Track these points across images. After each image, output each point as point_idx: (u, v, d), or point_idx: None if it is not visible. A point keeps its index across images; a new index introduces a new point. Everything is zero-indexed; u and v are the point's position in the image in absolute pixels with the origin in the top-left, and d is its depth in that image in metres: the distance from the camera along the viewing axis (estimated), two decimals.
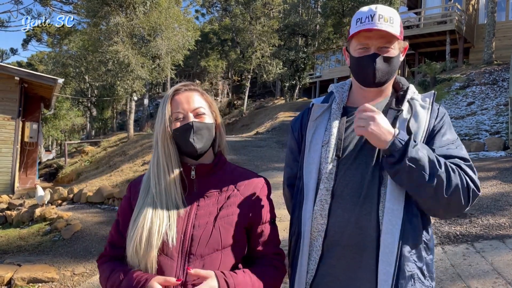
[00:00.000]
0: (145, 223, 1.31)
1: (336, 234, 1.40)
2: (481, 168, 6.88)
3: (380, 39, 1.41)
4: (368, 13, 1.41)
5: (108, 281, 1.35)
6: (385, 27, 1.39)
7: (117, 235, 1.44)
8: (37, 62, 42.53)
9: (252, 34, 25.47)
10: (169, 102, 1.39)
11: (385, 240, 1.33)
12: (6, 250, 6.18)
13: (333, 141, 1.46)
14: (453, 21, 17.49)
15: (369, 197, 1.38)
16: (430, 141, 1.42)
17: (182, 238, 1.32)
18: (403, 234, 1.33)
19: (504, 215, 4.79)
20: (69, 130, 34.07)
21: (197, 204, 1.37)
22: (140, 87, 17.34)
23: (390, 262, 1.32)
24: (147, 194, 1.38)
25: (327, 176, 1.43)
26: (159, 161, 1.38)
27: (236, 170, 1.50)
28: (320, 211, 1.42)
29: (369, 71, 1.42)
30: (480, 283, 3.47)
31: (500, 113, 10.85)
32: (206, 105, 1.44)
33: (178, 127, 1.37)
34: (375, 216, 1.37)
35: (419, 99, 1.49)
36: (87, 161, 18.37)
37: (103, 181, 11.06)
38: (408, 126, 1.41)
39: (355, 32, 1.42)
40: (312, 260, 1.43)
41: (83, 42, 22.05)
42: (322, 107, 1.56)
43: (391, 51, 1.43)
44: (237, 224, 1.37)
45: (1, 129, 12.26)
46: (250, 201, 1.42)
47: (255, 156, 10.28)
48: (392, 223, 1.33)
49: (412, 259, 1.35)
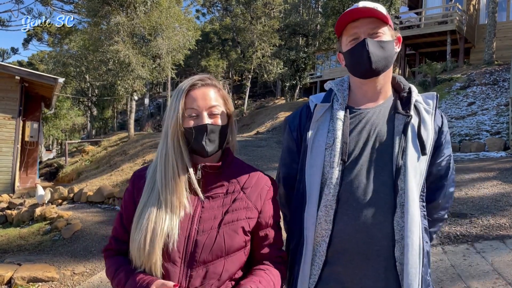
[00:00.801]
0: (149, 224, 1.27)
1: (343, 241, 1.37)
2: (481, 169, 6.88)
3: (368, 25, 1.40)
4: (352, 7, 1.42)
5: (113, 280, 1.35)
6: (369, 5, 1.39)
7: (121, 229, 1.41)
8: (37, 61, 42.58)
9: (253, 34, 25.46)
10: (184, 97, 1.33)
11: (409, 252, 1.33)
12: (6, 249, 6.18)
13: (338, 145, 1.41)
14: (453, 21, 17.47)
15: (381, 206, 1.36)
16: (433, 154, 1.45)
17: (185, 243, 1.29)
18: (423, 245, 1.37)
19: (505, 215, 4.79)
20: (69, 129, 34.06)
21: (201, 206, 1.33)
22: (141, 87, 17.36)
23: (415, 274, 1.34)
24: (152, 189, 1.33)
25: (332, 181, 1.39)
26: (167, 157, 1.33)
27: (244, 169, 1.45)
28: (324, 217, 1.39)
29: (364, 58, 1.39)
30: (480, 284, 3.47)
31: (501, 114, 10.84)
32: (222, 102, 1.39)
33: (192, 127, 1.32)
34: (389, 226, 1.36)
35: (422, 101, 1.47)
36: (87, 161, 18.37)
37: (104, 181, 11.07)
38: (420, 134, 1.39)
39: (339, 19, 1.42)
40: (315, 265, 1.41)
41: (84, 41, 22.06)
42: (324, 107, 1.49)
43: (382, 35, 1.41)
44: (242, 230, 1.33)
45: (2, 129, 12.27)
46: (256, 205, 1.38)
47: (256, 155, 10.28)
48: (415, 235, 1.34)
49: (428, 267, 1.42)
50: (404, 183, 1.36)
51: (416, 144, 1.38)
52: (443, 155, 1.47)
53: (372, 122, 1.43)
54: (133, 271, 1.30)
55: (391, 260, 1.36)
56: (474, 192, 5.67)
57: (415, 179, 1.36)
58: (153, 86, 38.26)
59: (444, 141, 1.47)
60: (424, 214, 1.42)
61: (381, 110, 1.45)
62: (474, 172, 6.65)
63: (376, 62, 1.39)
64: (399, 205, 1.36)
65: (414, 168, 1.36)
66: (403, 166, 1.36)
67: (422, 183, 1.39)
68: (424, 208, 1.42)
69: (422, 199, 1.41)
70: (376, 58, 1.39)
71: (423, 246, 1.36)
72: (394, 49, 1.45)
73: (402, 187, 1.36)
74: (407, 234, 1.33)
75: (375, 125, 1.43)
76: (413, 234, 1.33)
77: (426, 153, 1.39)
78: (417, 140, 1.38)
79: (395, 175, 1.36)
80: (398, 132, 1.40)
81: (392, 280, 1.35)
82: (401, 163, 1.37)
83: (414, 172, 1.36)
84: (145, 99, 30.92)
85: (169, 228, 1.27)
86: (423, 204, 1.41)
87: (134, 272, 1.29)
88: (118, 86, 17.01)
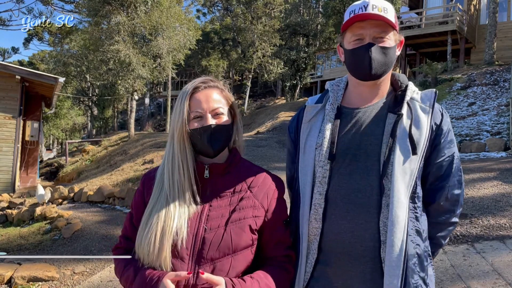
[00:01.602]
0: (159, 222, 1.31)
1: (330, 241, 1.38)
2: (481, 169, 6.88)
3: (375, 28, 1.37)
4: (362, 4, 1.38)
5: (122, 276, 1.38)
6: (380, 5, 1.36)
7: (131, 228, 1.45)
8: (38, 61, 42.57)
9: (253, 34, 25.48)
10: (188, 99, 1.37)
11: (390, 253, 1.31)
12: (6, 248, 6.19)
13: (325, 144, 1.42)
14: (454, 21, 17.46)
15: (367, 207, 1.35)
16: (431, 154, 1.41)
17: (193, 240, 1.32)
18: (407, 247, 1.32)
19: (505, 215, 4.79)
20: (70, 129, 34.07)
21: (209, 205, 1.36)
22: (141, 87, 17.38)
23: (396, 275, 1.30)
24: (161, 190, 1.38)
25: (320, 180, 1.40)
26: (174, 158, 1.37)
27: (251, 169, 1.47)
28: (314, 215, 1.40)
29: (364, 62, 1.37)
30: (480, 284, 3.47)
31: (501, 114, 10.84)
32: (225, 102, 1.43)
33: (196, 128, 1.36)
34: (375, 227, 1.34)
35: (418, 99, 1.44)
36: (88, 160, 18.39)
37: (104, 180, 11.07)
38: (411, 134, 1.36)
39: (348, 20, 1.39)
40: (309, 262, 1.42)
41: (84, 41, 22.06)
42: (315, 108, 1.51)
43: (387, 41, 1.39)
44: (249, 228, 1.35)
45: (2, 128, 12.27)
46: (263, 204, 1.40)
47: (256, 155, 10.28)
48: (398, 237, 1.31)
49: (416, 271, 1.35)
50: (390, 183, 1.33)
51: (406, 143, 1.35)
52: (443, 155, 1.42)
53: (362, 122, 1.42)
54: (141, 267, 1.33)
55: (377, 261, 1.34)
56: (474, 192, 5.67)
57: (403, 179, 1.33)
58: (153, 86, 38.27)
59: (443, 140, 1.41)
60: (416, 216, 1.37)
61: (374, 109, 1.44)
62: (474, 173, 6.65)
63: (376, 68, 1.38)
64: (385, 206, 1.34)
65: (402, 168, 1.33)
66: (391, 166, 1.34)
67: (413, 184, 1.35)
68: (416, 209, 1.37)
69: (413, 200, 1.36)
70: (377, 64, 1.38)
71: (408, 248, 1.32)
72: (396, 53, 1.44)
73: (389, 187, 1.34)
74: (389, 235, 1.31)
75: (365, 124, 1.42)
76: (394, 235, 1.30)
77: (417, 153, 1.35)
78: (408, 139, 1.36)
79: (381, 175, 1.35)
80: (388, 131, 1.38)
81: (379, 281, 1.33)
82: (385, 163, 1.35)
83: (403, 172, 1.33)
84: (146, 98, 30.96)
85: (178, 226, 1.30)
86: (414, 205, 1.37)
87: (142, 268, 1.32)
88: (119, 85, 17.04)
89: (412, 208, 1.36)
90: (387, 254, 1.31)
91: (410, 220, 1.34)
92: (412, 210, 1.36)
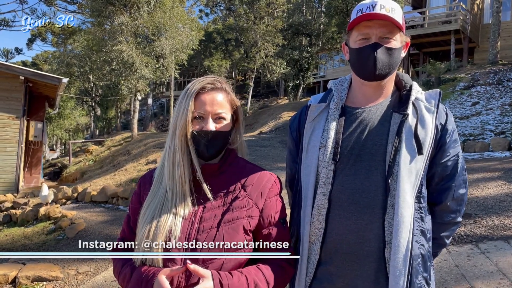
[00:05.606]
0: (153, 219, 1.32)
1: (334, 241, 1.38)
2: (485, 169, 6.85)
3: (381, 28, 1.36)
4: (369, 4, 1.37)
5: (119, 275, 1.39)
6: (387, 5, 1.35)
7: (128, 230, 1.46)
8: (41, 61, 42.70)
9: (256, 34, 25.45)
10: (193, 99, 1.37)
11: (395, 254, 1.31)
12: (10, 248, 6.21)
13: (330, 144, 1.41)
14: (457, 20, 17.41)
15: (372, 207, 1.35)
16: (436, 154, 1.40)
17: (186, 241, 1.31)
18: (413, 247, 1.32)
19: (509, 215, 4.77)
20: (73, 129, 34.15)
21: (203, 206, 1.36)
22: (144, 87, 17.40)
23: (401, 276, 1.30)
24: (159, 186, 1.39)
25: (324, 181, 1.40)
26: (175, 156, 1.37)
27: (246, 168, 1.45)
28: (317, 216, 1.39)
29: (369, 62, 1.36)
30: (484, 284, 3.46)
31: (505, 113, 10.80)
32: (229, 107, 1.42)
33: (196, 131, 1.36)
34: (380, 227, 1.34)
35: (423, 99, 1.43)
36: (91, 160, 18.44)
37: (107, 180, 11.10)
38: (416, 133, 1.36)
39: (355, 19, 1.38)
40: (311, 263, 1.41)
41: (88, 41, 22.08)
42: (319, 107, 1.49)
43: (393, 42, 1.38)
44: (242, 229, 1.34)
45: (6, 128, 12.33)
46: (257, 203, 1.38)
47: (259, 155, 10.29)
48: (403, 237, 1.31)
49: (420, 271, 1.35)
50: (396, 183, 1.33)
51: (411, 143, 1.35)
52: (448, 154, 1.41)
53: (367, 122, 1.42)
54: (138, 266, 1.34)
55: (382, 261, 1.34)
56: (478, 192, 5.65)
57: (409, 179, 1.33)
58: (156, 86, 38.30)
59: (448, 139, 1.41)
60: (421, 216, 1.36)
61: (378, 109, 1.43)
62: (478, 172, 6.62)
63: (380, 68, 1.37)
64: (390, 206, 1.33)
65: (408, 168, 1.33)
66: (396, 166, 1.34)
67: (419, 184, 1.35)
68: (421, 209, 1.37)
69: (419, 200, 1.36)
70: (381, 65, 1.37)
71: (413, 249, 1.32)
72: (401, 55, 1.43)
73: (394, 188, 1.33)
74: (394, 235, 1.31)
75: (370, 124, 1.41)
76: (400, 235, 1.30)
77: (423, 153, 1.35)
78: (414, 139, 1.35)
79: (387, 175, 1.34)
80: (393, 131, 1.37)
81: (383, 282, 1.34)
82: (391, 162, 1.34)
83: (408, 172, 1.33)
84: (149, 99, 30.99)
85: (171, 225, 1.31)
86: (419, 206, 1.36)
87: (138, 266, 1.33)
88: (122, 86, 17.08)
89: (418, 209, 1.36)
90: (392, 255, 1.31)
91: (415, 220, 1.34)
92: (418, 211, 1.36)
